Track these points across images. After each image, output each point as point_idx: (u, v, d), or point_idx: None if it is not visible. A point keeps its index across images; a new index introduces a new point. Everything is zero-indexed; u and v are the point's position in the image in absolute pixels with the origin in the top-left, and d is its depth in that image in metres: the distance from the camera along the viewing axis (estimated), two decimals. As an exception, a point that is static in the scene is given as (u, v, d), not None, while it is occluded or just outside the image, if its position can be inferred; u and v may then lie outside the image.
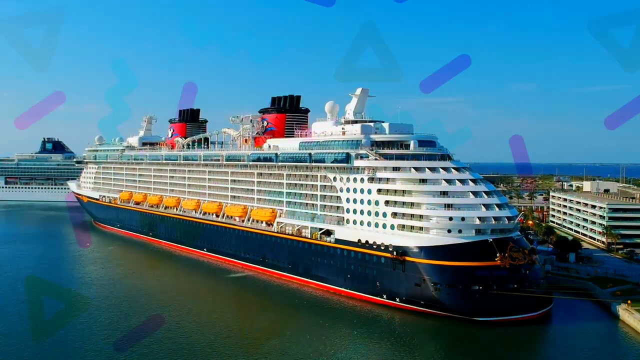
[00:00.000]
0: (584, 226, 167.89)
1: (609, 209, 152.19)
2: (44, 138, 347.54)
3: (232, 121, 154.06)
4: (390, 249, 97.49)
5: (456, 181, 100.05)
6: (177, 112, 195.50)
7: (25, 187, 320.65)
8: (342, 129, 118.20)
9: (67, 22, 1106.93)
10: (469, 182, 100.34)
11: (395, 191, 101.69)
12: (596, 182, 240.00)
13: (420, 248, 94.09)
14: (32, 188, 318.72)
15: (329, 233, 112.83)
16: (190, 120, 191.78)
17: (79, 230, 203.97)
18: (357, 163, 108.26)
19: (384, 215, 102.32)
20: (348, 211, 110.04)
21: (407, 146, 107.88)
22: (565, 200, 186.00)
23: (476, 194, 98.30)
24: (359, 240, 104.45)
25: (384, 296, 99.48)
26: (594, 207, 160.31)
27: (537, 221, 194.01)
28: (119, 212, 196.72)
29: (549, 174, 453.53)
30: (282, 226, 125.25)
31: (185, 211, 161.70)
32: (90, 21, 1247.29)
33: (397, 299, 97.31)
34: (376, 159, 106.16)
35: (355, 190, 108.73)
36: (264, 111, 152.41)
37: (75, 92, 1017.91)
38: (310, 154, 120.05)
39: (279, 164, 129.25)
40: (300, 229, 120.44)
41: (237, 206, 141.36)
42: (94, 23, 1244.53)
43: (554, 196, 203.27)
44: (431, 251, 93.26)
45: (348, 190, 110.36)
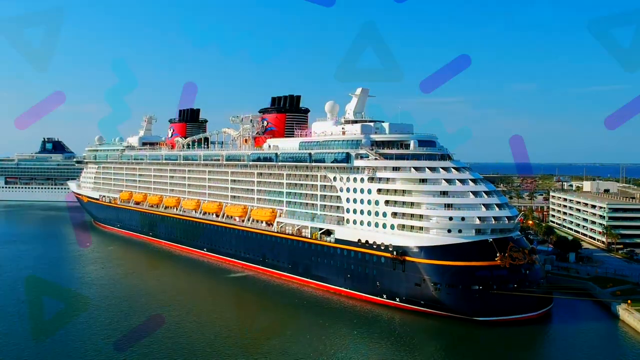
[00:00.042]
0: (584, 226, 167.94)
1: (609, 208, 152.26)
2: (44, 138, 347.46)
3: (232, 121, 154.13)
4: (390, 249, 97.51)
5: (456, 181, 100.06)
6: (177, 112, 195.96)
7: (25, 187, 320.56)
8: (342, 128, 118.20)
9: (67, 22, 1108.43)
10: (469, 182, 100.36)
11: (395, 191, 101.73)
12: (596, 182, 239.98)
13: (420, 248, 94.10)
14: (32, 188, 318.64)
15: (329, 233, 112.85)
16: (190, 120, 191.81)
17: (79, 230, 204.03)
18: (357, 163, 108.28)
19: (384, 215, 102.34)
20: (348, 211, 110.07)
21: (407, 146, 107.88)
22: (565, 200, 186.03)
23: (476, 193, 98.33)
24: (359, 240, 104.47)
25: (384, 296, 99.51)
26: (594, 207, 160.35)
27: (537, 221, 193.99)
28: (119, 212, 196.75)
29: (549, 174, 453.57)
30: (282, 226, 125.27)
31: (185, 211, 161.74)
32: (90, 21, 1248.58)
33: (397, 299, 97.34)
34: (376, 159, 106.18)
35: (355, 190, 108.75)
36: (264, 111, 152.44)
37: (75, 92, 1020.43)
38: (310, 154, 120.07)
39: (279, 163, 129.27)
40: (300, 229, 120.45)
41: (237, 206, 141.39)
42: (94, 23, 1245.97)
43: (554, 196, 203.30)
44: (431, 251, 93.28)
45: (348, 190, 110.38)
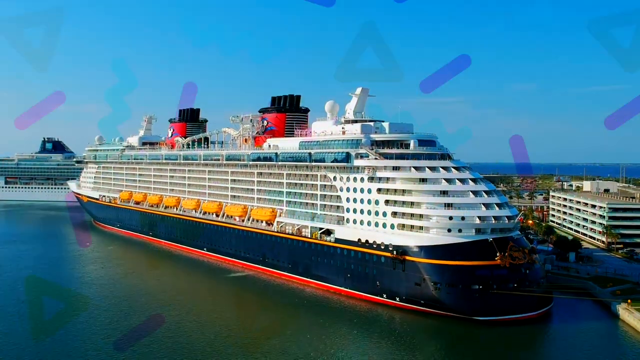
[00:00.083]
0: (584, 226, 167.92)
1: (609, 208, 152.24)
2: (44, 138, 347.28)
3: (232, 121, 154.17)
4: (390, 249, 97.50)
5: (456, 180, 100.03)
6: (177, 112, 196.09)
7: (25, 187, 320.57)
8: (342, 128, 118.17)
9: (67, 22, 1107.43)
10: (469, 181, 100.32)
11: (395, 190, 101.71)
12: (596, 182, 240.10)
13: (420, 247, 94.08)
14: (32, 188, 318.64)
15: (329, 232, 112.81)
16: (190, 119, 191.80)
17: (78, 230, 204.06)
18: (357, 162, 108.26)
19: (384, 214, 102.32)
20: (348, 210, 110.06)
21: (407, 146, 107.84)
22: (565, 200, 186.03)
23: (476, 193, 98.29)
24: (359, 240, 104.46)
25: (384, 295, 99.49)
26: (594, 206, 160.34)
27: (537, 221, 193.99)
28: (119, 212, 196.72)
29: (549, 174, 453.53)
30: (282, 226, 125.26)
31: (185, 211, 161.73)
32: (90, 21, 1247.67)
33: (397, 299, 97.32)
34: (376, 159, 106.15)
35: (355, 190, 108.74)
36: (264, 111, 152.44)
37: (75, 92, 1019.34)
38: (310, 154, 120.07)
39: (279, 163, 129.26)
40: (300, 229, 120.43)
41: (237, 206, 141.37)
42: (94, 23, 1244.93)
43: (554, 196, 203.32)
44: (431, 250, 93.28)
45: (348, 189, 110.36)
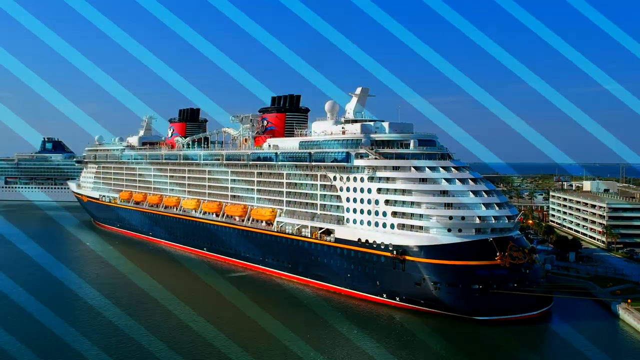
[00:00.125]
0: (584, 225, 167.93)
1: (608, 208, 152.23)
2: (44, 138, 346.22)
3: (232, 120, 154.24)
4: (390, 248, 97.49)
5: (456, 180, 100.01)
6: (177, 112, 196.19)
7: (25, 187, 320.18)
8: (342, 128, 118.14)
9: (67, 22, 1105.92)
10: (469, 181, 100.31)
11: (395, 190, 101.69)
12: (596, 181, 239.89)
13: (420, 247, 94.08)
14: (32, 188, 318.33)
15: (329, 232, 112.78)
16: (190, 119, 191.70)
17: (78, 230, 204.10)
18: (357, 162, 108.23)
19: (384, 214, 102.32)
20: (348, 210, 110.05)
21: (407, 145, 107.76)
22: (565, 200, 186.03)
23: (476, 193, 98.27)
24: (359, 240, 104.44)
25: (384, 295, 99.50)
26: (593, 206, 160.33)
27: (537, 220, 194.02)
28: (118, 212, 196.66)
29: (549, 173, 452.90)
30: (282, 225, 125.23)
31: (185, 211, 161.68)
32: (90, 21, 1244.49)
33: (397, 298, 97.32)
34: (376, 158, 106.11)
35: (355, 190, 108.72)
36: (264, 111, 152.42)
37: (76, 91, 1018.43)
38: (310, 154, 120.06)
39: (279, 163, 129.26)
40: (300, 229, 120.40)
41: (237, 205, 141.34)
42: (94, 23, 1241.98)
43: (553, 196, 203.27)
44: (431, 250, 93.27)
45: (348, 189, 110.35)
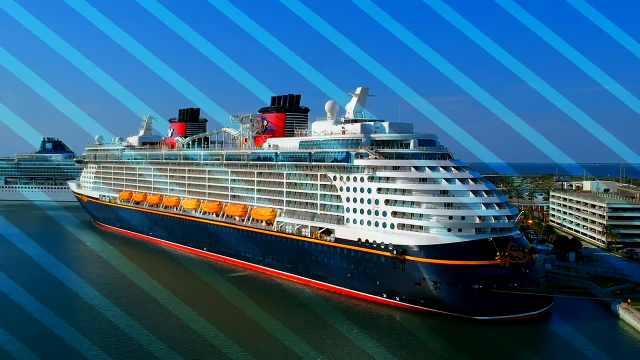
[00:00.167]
0: (584, 225, 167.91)
1: (608, 208, 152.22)
2: (43, 138, 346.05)
3: (232, 120, 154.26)
4: (390, 248, 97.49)
5: (456, 180, 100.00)
6: (177, 112, 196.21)
7: (25, 187, 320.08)
8: (342, 128, 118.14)
9: (66, 21, 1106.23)
10: (469, 181, 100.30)
11: (395, 190, 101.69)
12: (596, 181, 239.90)
13: (420, 247, 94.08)
14: (32, 188, 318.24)
15: (329, 232, 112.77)
16: (190, 119, 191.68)
17: (78, 230, 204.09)
18: (357, 162, 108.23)
19: (384, 214, 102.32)
20: (348, 210, 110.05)
21: (407, 145, 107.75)
22: (565, 199, 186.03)
23: (476, 192, 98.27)
24: (359, 240, 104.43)
25: (384, 295, 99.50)
26: (593, 206, 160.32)
27: (537, 220, 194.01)
28: (118, 212, 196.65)
29: (549, 173, 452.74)
30: (282, 225, 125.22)
31: (185, 210, 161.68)
32: (90, 21, 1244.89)
33: (397, 298, 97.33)
34: (376, 158, 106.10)
35: (355, 190, 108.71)
36: (264, 110, 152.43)
37: (76, 91, 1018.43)
38: (310, 153, 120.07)
39: (279, 163, 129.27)
40: (300, 228, 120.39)
41: (237, 205, 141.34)
42: (94, 23, 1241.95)
43: (553, 195, 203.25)
44: (431, 250, 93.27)
45: (348, 189, 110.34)
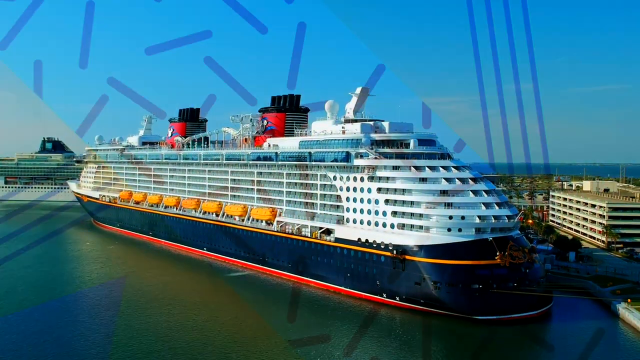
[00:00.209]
0: (584, 225, 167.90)
1: (609, 208, 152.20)
2: (43, 138, 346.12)
3: (232, 120, 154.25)
4: (390, 248, 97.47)
5: (456, 180, 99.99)
6: (177, 112, 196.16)
7: (25, 187, 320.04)
8: (342, 128, 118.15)
9: (66, 21, 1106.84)
10: (469, 180, 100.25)
11: (395, 190, 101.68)
12: (596, 181, 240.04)
13: (420, 247, 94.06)
14: (32, 188, 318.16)
15: (328, 232, 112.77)
16: (190, 119, 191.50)
17: (78, 230, 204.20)
18: (357, 162, 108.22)
19: (384, 214, 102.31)
20: (348, 210, 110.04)
21: (407, 145, 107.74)
22: (565, 199, 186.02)
23: (476, 192, 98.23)
24: (359, 239, 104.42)
25: (384, 295, 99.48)
26: (593, 206, 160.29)
27: (537, 220, 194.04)
28: (118, 212, 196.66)
29: (549, 173, 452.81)
30: (282, 225, 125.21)
31: (185, 210, 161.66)
32: (90, 21, 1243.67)
33: (397, 298, 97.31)
34: (376, 158, 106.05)
35: (355, 189, 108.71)
36: (264, 110, 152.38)
37: (76, 91, 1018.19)
38: (310, 153, 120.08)
39: (279, 163, 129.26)
40: (300, 228, 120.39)
41: (237, 205, 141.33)
42: (95, 24, 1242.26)
43: (553, 195, 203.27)
44: (431, 250, 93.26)
45: (348, 189, 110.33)
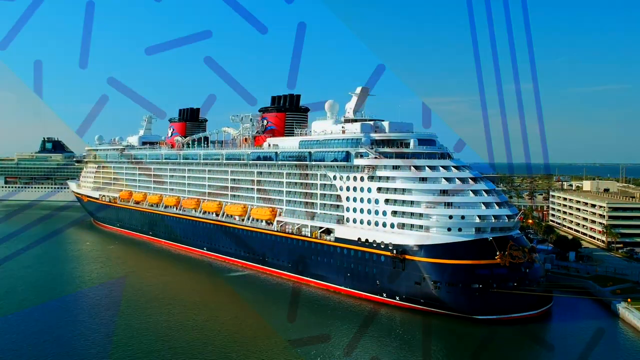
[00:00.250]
0: (584, 225, 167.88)
1: (608, 208, 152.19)
2: (43, 138, 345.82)
3: (232, 120, 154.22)
4: (390, 248, 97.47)
5: (456, 180, 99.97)
6: (177, 111, 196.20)
7: (25, 187, 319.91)
8: (342, 127, 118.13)
9: (66, 21, 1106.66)
10: (469, 180, 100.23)
11: (395, 190, 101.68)
12: (596, 181, 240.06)
13: (420, 246, 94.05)
14: (32, 188, 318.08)
15: (328, 232, 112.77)
16: (190, 119, 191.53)
17: (78, 230, 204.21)
18: (357, 162, 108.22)
19: (384, 213, 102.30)
20: (348, 210, 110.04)
21: (407, 145, 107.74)
22: (565, 199, 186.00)
23: (476, 192, 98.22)
24: (359, 239, 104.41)
25: (384, 295, 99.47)
26: (593, 206, 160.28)
27: (537, 220, 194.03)
28: (118, 212, 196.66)
29: (549, 173, 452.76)
30: (282, 225, 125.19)
31: (185, 210, 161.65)
32: (90, 21, 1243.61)
33: (397, 298, 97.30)
34: (376, 158, 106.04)
35: (355, 189, 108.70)
36: (264, 110, 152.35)
37: (76, 91, 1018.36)
38: (310, 153, 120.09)
39: (279, 162, 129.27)
40: (300, 228, 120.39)
41: (237, 205, 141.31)
42: (95, 24, 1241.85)
43: (554, 195, 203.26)
44: (431, 249, 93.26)
45: (348, 189, 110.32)
